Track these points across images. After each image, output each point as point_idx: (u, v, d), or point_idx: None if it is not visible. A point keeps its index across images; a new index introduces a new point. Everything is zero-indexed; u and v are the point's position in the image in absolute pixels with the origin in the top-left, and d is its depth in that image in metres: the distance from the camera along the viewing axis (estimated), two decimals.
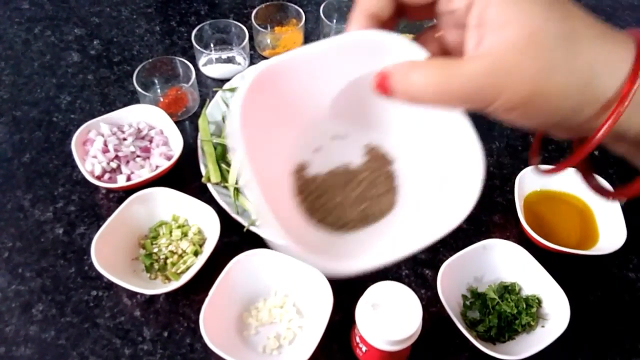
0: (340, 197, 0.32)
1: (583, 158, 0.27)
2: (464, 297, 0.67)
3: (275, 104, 0.30)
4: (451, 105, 0.26)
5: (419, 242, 0.28)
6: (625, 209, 0.71)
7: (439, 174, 0.31)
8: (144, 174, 0.75)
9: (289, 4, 0.97)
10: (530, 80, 0.24)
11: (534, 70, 0.24)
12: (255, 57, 0.96)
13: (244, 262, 0.63)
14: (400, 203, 0.32)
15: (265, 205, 0.27)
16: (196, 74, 0.85)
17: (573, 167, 0.31)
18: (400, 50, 0.28)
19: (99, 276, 0.66)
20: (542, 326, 0.63)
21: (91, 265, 0.64)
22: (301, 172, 0.33)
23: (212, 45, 0.95)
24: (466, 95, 0.25)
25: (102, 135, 0.77)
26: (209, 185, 0.73)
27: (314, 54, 0.28)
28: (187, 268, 0.67)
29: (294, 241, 0.27)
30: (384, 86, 0.28)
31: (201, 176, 0.74)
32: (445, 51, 0.30)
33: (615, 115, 0.25)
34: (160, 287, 0.64)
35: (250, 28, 0.94)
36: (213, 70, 0.92)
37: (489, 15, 0.25)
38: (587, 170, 0.34)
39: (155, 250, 0.69)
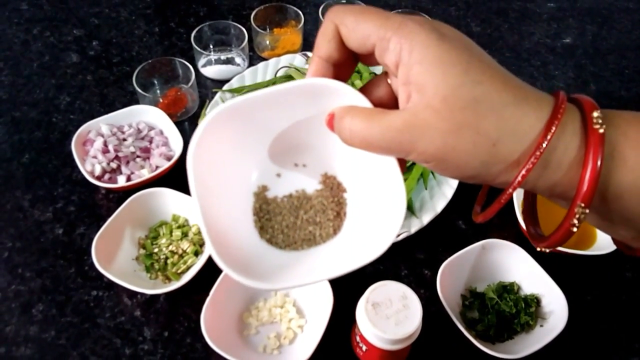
0: (292, 219, 0.36)
1: (497, 211, 0.30)
2: (463, 296, 0.67)
3: (242, 132, 0.34)
4: (374, 152, 0.30)
5: (337, 269, 0.32)
6: None
7: (373, 208, 0.35)
8: (144, 174, 0.75)
9: (288, 5, 0.97)
10: (439, 139, 0.27)
11: (444, 130, 0.27)
12: (254, 58, 0.96)
13: None
14: (343, 230, 0.36)
15: (203, 221, 0.31)
16: (195, 75, 0.86)
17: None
18: (349, 97, 0.31)
19: (99, 276, 0.66)
20: (541, 325, 0.64)
21: (91, 265, 0.64)
22: (262, 193, 0.37)
23: (211, 46, 0.95)
24: (386, 145, 0.29)
25: (102, 136, 0.77)
26: None
27: (274, 94, 0.32)
28: (188, 268, 0.68)
29: (219, 257, 0.30)
30: (331, 124, 0.32)
31: None
32: (394, 97, 0.33)
33: (519, 178, 0.27)
34: (160, 287, 0.65)
35: (249, 29, 0.94)
36: (212, 71, 0.92)
37: (412, 75, 0.27)
38: (528, 217, 0.37)
39: (156, 250, 0.69)
